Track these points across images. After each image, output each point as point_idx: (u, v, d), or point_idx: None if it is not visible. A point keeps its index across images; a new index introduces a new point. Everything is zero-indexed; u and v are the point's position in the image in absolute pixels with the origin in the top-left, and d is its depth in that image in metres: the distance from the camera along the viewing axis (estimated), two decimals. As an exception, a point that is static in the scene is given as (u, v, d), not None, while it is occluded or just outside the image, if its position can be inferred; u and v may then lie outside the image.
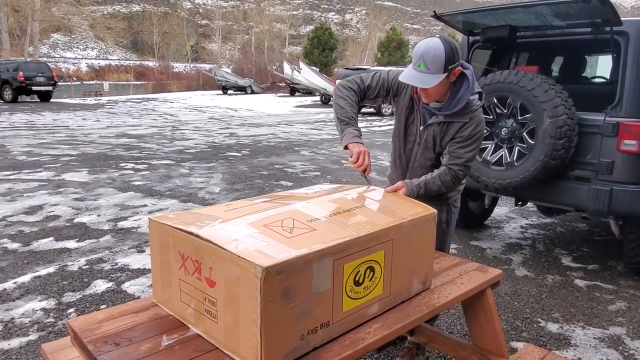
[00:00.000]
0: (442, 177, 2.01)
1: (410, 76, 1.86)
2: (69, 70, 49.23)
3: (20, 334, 2.57)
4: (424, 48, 1.81)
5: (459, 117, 1.97)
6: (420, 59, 1.82)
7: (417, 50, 1.84)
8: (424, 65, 1.81)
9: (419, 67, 1.83)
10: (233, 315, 1.29)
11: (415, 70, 1.84)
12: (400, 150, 2.19)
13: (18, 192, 5.47)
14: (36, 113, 15.56)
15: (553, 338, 2.72)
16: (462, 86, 1.94)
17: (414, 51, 1.87)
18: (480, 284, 1.88)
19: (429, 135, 2.05)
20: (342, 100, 2.04)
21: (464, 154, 2.00)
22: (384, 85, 2.09)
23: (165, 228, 1.50)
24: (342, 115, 2.01)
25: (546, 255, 4.01)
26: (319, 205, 1.67)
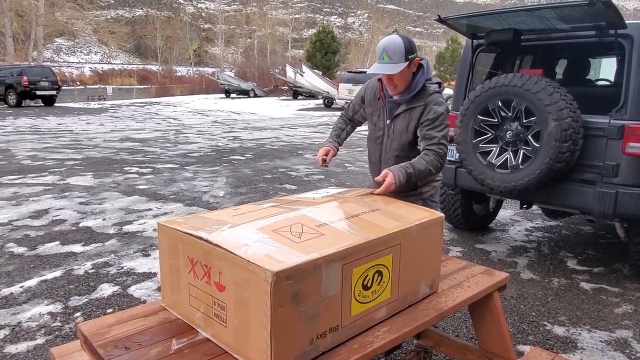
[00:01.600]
0: (424, 157, 2.12)
1: (377, 68, 2.10)
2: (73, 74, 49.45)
3: (28, 338, 2.58)
4: (385, 43, 2.08)
5: (418, 101, 2.17)
6: (383, 52, 2.07)
7: (379, 46, 2.10)
8: (387, 57, 2.06)
9: (383, 59, 2.07)
10: (242, 319, 1.30)
11: (380, 63, 2.09)
12: (373, 147, 2.38)
13: (23, 197, 5.49)
14: (40, 117, 15.63)
15: (559, 341, 2.71)
16: (418, 73, 2.18)
17: (377, 48, 2.12)
18: (487, 287, 1.88)
19: (396, 125, 2.24)
20: (331, 130, 2.53)
21: (435, 133, 2.13)
22: (357, 100, 2.43)
23: (174, 232, 1.51)
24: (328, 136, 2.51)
25: (551, 258, 4.00)
26: (327, 210, 1.68)
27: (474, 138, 3.62)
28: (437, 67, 38.04)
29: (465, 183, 3.93)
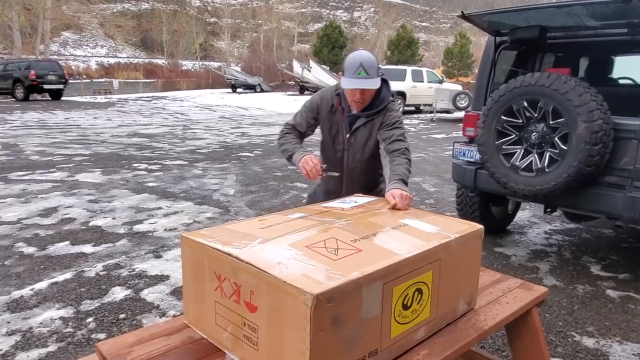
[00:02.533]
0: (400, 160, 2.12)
1: (357, 82, 2.07)
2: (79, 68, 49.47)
3: (39, 345, 2.50)
4: (360, 57, 2.06)
5: (377, 113, 2.24)
6: (359, 68, 2.04)
7: (354, 61, 2.06)
8: (364, 72, 2.04)
9: (359, 74, 2.05)
10: (276, 343, 1.20)
11: (358, 78, 2.06)
12: (333, 160, 2.35)
13: (32, 194, 5.42)
14: (48, 111, 15.59)
15: (590, 354, 2.60)
16: (383, 88, 2.23)
17: (349, 63, 2.08)
18: (527, 304, 1.77)
19: (356, 138, 2.27)
20: (283, 144, 2.31)
21: (395, 132, 2.21)
22: (308, 114, 2.35)
23: (199, 246, 1.41)
24: (287, 150, 2.27)
25: (574, 263, 3.88)
26: (360, 222, 1.57)
27: (497, 139, 3.50)
28: (445, 62, 37.73)
29: (485, 185, 3.81)
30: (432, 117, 16.70)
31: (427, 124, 15.01)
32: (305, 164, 2.13)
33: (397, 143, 2.18)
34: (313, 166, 2.12)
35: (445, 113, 17.21)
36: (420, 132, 12.77)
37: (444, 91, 16.80)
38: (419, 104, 18.19)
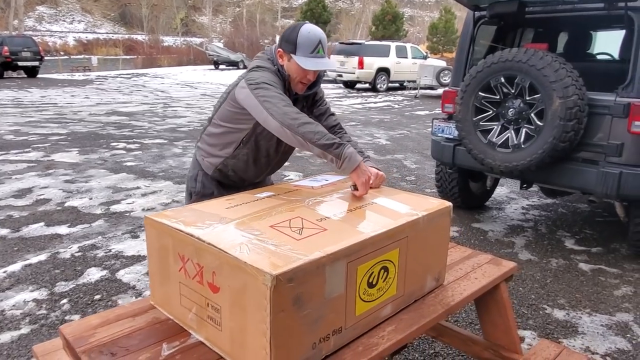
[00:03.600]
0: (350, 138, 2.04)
1: (320, 63, 1.81)
2: (56, 44, 48.06)
3: (12, 327, 2.47)
4: (319, 34, 1.80)
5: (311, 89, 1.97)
6: (319, 46, 1.79)
7: (312, 37, 1.77)
8: (322, 50, 1.81)
9: (319, 52, 1.80)
10: (239, 324, 1.19)
11: (318, 57, 1.80)
12: (266, 145, 1.94)
13: (6, 174, 5.30)
14: (23, 89, 15.17)
15: (560, 326, 2.66)
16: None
17: (305, 39, 1.77)
18: (495, 279, 1.80)
19: None
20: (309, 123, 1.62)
21: (326, 106, 2.11)
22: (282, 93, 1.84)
23: (163, 227, 1.38)
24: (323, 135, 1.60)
25: (549, 237, 3.95)
26: (328, 201, 1.56)
27: (475, 115, 3.50)
28: (429, 38, 37.49)
29: (463, 162, 3.83)
30: (415, 94, 16.66)
31: (410, 101, 14.98)
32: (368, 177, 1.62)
33: (332, 118, 2.09)
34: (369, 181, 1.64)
35: (429, 89, 17.17)
36: (404, 109, 12.75)
37: (428, 67, 16.72)
38: (402, 80, 18.11)
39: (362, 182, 1.59)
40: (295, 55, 1.78)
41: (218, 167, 2.01)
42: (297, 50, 1.78)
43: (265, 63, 1.85)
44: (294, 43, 1.77)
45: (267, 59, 1.89)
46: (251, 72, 1.82)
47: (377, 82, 17.37)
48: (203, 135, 2.06)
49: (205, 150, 2.04)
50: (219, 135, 1.97)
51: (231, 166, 1.99)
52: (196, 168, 2.10)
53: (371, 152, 7.09)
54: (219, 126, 1.96)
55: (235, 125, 1.91)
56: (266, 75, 1.78)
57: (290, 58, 1.80)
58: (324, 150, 1.58)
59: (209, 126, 2.02)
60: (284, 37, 1.83)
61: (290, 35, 1.80)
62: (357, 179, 1.59)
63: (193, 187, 2.09)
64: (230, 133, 1.94)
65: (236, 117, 1.88)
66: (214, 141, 2.00)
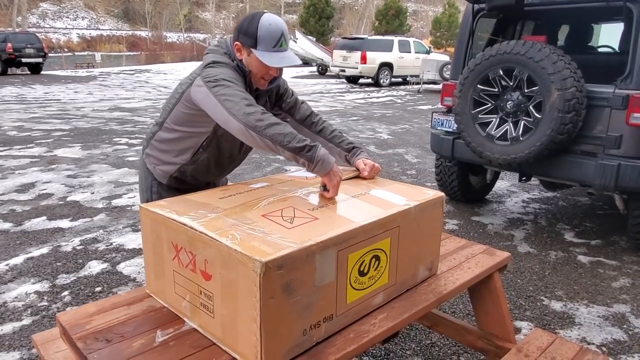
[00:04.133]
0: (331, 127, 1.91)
1: (284, 58, 1.64)
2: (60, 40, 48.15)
3: (14, 319, 2.51)
4: (282, 27, 1.63)
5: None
6: (281, 39, 1.63)
7: (274, 29, 1.61)
8: (285, 44, 1.65)
9: (281, 46, 1.64)
10: (230, 310, 1.21)
11: (281, 51, 1.64)
12: (232, 150, 1.84)
13: (9, 169, 5.34)
14: (27, 86, 15.23)
15: (557, 317, 2.68)
16: None
17: (266, 32, 1.60)
18: (488, 268, 1.81)
19: None
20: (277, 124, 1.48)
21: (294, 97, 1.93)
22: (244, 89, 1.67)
23: (156, 216, 1.40)
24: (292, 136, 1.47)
25: (549, 230, 3.96)
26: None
27: (473, 108, 3.50)
28: (433, 32, 37.35)
29: (462, 155, 3.84)
30: (418, 89, 16.62)
31: (413, 96, 14.95)
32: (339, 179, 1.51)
33: (304, 107, 1.92)
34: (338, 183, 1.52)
35: (433, 84, 17.13)
36: (406, 104, 12.73)
37: (431, 62, 16.66)
38: (405, 75, 18.07)
39: (333, 185, 1.49)
40: (256, 50, 1.61)
41: (174, 174, 1.84)
42: (257, 44, 1.61)
43: (222, 58, 1.67)
44: (254, 37, 1.60)
45: (224, 52, 1.70)
46: (207, 68, 1.63)
47: (380, 77, 17.34)
48: (152, 141, 1.84)
49: (157, 158, 1.84)
50: (173, 141, 1.77)
51: (190, 172, 1.83)
52: (148, 178, 1.89)
53: (372, 146, 7.09)
54: (172, 131, 1.75)
55: (193, 129, 1.72)
56: (225, 71, 1.61)
57: (251, 53, 1.63)
58: (295, 154, 1.46)
59: (160, 131, 1.80)
60: (241, 30, 1.64)
61: (249, 27, 1.61)
62: (329, 182, 1.50)
63: (149, 199, 1.89)
64: (187, 138, 1.74)
65: (193, 120, 1.70)
66: (166, 147, 1.80)
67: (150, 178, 1.88)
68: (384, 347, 2.32)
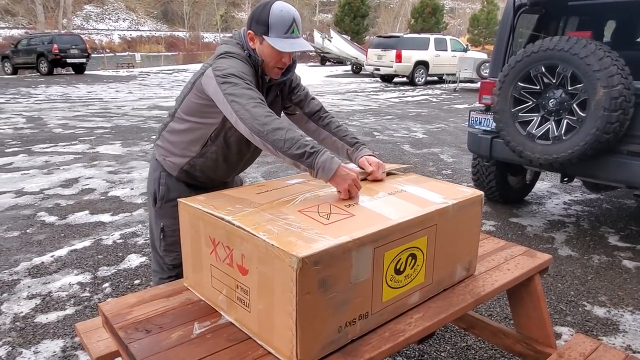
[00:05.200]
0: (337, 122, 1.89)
1: (295, 43, 1.64)
2: (102, 42, 49.81)
3: (58, 308, 2.61)
4: (292, 12, 1.63)
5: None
6: (293, 25, 1.63)
7: (285, 16, 1.61)
8: (297, 30, 1.64)
9: (293, 32, 1.64)
10: (267, 305, 1.22)
11: (293, 37, 1.64)
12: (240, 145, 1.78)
13: (55, 165, 5.57)
14: (71, 85, 15.84)
15: (600, 323, 2.57)
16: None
17: (278, 18, 1.60)
18: (528, 271, 1.76)
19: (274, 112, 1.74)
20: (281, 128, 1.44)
21: (305, 91, 1.93)
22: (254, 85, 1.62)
23: (195, 211, 1.43)
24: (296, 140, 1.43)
25: (591, 233, 3.81)
26: (357, 187, 1.56)
27: (513, 107, 3.41)
28: (470, 30, 36.60)
29: (501, 154, 3.74)
30: (455, 87, 16.33)
31: (449, 94, 14.70)
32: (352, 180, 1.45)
33: (314, 102, 1.91)
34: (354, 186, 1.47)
35: (469, 83, 16.79)
36: (442, 103, 12.52)
37: (468, 60, 16.32)
38: (441, 73, 17.78)
39: (344, 189, 1.43)
40: (268, 37, 1.61)
41: (184, 167, 1.81)
42: (269, 31, 1.61)
43: (234, 48, 1.67)
44: (266, 24, 1.60)
45: (236, 43, 1.70)
46: (219, 59, 1.63)
47: (415, 75, 17.13)
48: (164, 132, 1.85)
49: (167, 149, 1.83)
50: (183, 132, 1.77)
51: (199, 166, 1.81)
52: (157, 169, 1.87)
53: (407, 145, 7.02)
54: (183, 121, 1.76)
55: (202, 120, 1.72)
56: (235, 64, 1.60)
57: (263, 40, 1.63)
58: (295, 161, 1.43)
59: (172, 122, 1.81)
60: (253, 18, 1.64)
61: (261, 15, 1.61)
62: (337, 187, 1.44)
63: (156, 191, 1.87)
64: (196, 129, 1.74)
65: (203, 110, 1.69)
66: (177, 139, 1.79)
67: (159, 170, 1.87)
68: (418, 348, 2.28)
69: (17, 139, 7.07)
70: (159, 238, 1.90)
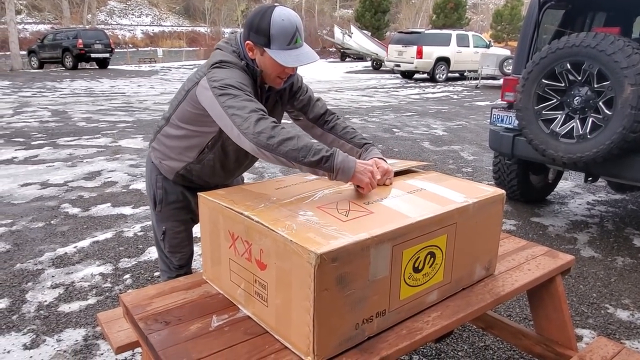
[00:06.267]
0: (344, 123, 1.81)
1: (300, 56, 1.53)
2: (125, 37, 50.53)
3: (80, 298, 2.67)
4: (296, 21, 1.51)
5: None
6: (296, 34, 1.51)
7: (289, 26, 1.49)
8: (300, 39, 1.53)
9: (297, 42, 1.52)
10: (284, 300, 1.23)
11: (297, 49, 1.53)
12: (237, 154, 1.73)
13: (78, 158, 5.68)
14: (95, 80, 16.12)
15: (623, 326, 2.52)
16: None
17: (280, 28, 1.48)
18: (550, 271, 1.72)
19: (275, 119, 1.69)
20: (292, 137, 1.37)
21: (309, 94, 1.82)
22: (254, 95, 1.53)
23: (214, 205, 1.44)
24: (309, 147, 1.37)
25: (615, 235, 3.72)
26: (377, 186, 1.55)
27: (537, 104, 3.34)
28: (494, 26, 36.03)
29: (523, 153, 3.68)
30: (477, 84, 16.10)
31: (471, 91, 14.50)
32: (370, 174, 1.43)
33: (319, 105, 1.82)
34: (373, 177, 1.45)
35: (492, 79, 16.53)
36: (463, 100, 12.37)
37: (491, 56, 16.06)
38: (463, 70, 17.53)
39: (366, 184, 1.41)
40: (270, 50, 1.51)
41: (180, 172, 1.77)
42: (271, 43, 1.50)
43: (230, 57, 1.57)
44: (267, 35, 1.49)
45: (232, 51, 1.59)
46: (214, 68, 1.53)
47: (436, 72, 16.93)
48: (159, 135, 1.78)
49: (163, 153, 1.78)
50: (179, 138, 1.70)
51: (196, 172, 1.76)
52: (154, 172, 1.83)
53: (427, 142, 6.96)
54: (178, 128, 1.69)
55: (199, 128, 1.64)
56: (232, 74, 1.50)
57: (264, 52, 1.52)
58: (313, 168, 1.38)
59: (167, 126, 1.74)
60: (252, 27, 1.52)
61: (261, 25, 1.49)
62: (360, 183, 1.42)
63: (155, 195, 1.85)
64: (193, 137, 1.67)
65: (199, 120, 1.61)
66: (173, 144, 1.73)
67: (155, 172, 1.83)
68: (435, 347, 2.27)
69: (43, 131, 7.23)
70: (162, 241, 1.90)
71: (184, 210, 1.87)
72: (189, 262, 2.02)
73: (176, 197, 1.82)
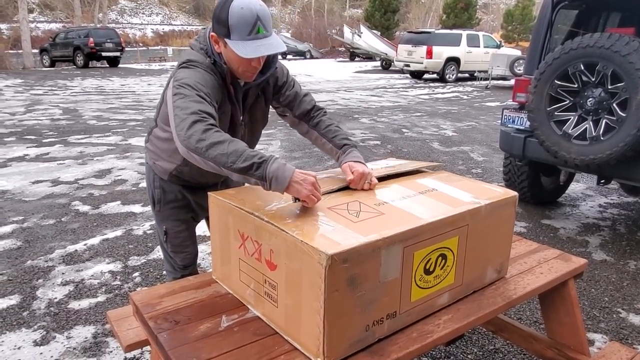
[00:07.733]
0: (331, 121, 1.72)
1: (261, 46, 1.43)
2: (136, 36, 50.85)
3: (90, 295, 2.68)
4: (257, 9, 1.41)
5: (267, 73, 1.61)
6: (257, 24, 1.41)
7: (248, 14, 1.40)
8: (263, 28, 1.43)
9: (258, 32, 1.42)
10: (294, 301, 1.22)
11: (258, 39, 1.43)
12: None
13: (89, 156, 5.72)
14: (105, 78, 16.24)
15: (635, 331, 2.48)
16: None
17: (238, 18, 1.40)
18: (562, 275, 1.70)
19: (253, 116, 1.71)
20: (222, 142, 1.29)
21: (295, 89, 1.74)
22: (211, 98, 1.44)
23: (224, 204, 1.44)
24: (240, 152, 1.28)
25: (628, 238, 3.67)
26: (387, 187, 1.54)
27: (549, 105, 3.31)
28: (504, 26, 35.78)
29: (535, 154, 3.64)
30: (487, 85, 15.99)
31: (481, 92, 14.41)
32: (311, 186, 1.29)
33: (306, 100, 1.74)
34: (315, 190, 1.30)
35: (502, 80, 16.42)
36: (473, 100, 12.29)
37: (501, 56, 15.93)
38: (473, 70, 17.42)
39: (305, 196, 1.27)
40: (230, 41, 1.43)
41: (173, 172, 1.75)
42: (231, 33, 1.42)
43: (196, 56, 1.52)
44: (226, 25, 1.41)
45: (200, 48, 1.54)
46: (180, 68, 1.49)
47: (446, 72, 16.84)
48: (151, 136, 1.78)
49: (156, 153, 1.77)
50: (166, 141, 1.68)
51: (186, 173, 1.74)
52: (150, 172, 1.84)
53: (436, 143, 6.92)
54: (164, 130, 1.67)
55: None
56: (194, 74, 1.45)
57: (226, 44, 1.45)
58: (244, 175, 1.28)
59: (156, 128, 1.73)
60: (214, 17, 1.45)
61: (221, 14, 1.41)
62: (297, 195, 1.28)
63: (152, 194, 1.85)
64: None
65: None
66: (162, 146, 1.72)
67: (151, 173, 1.83)
68: (445, 350, 2.25)
69: (54, 129, 7.30)
70: (165, 241, 1.90)
71: (184, 210, 1.86)
72: (194, 263, 2.01)
73: (174, 196, 1.81)
